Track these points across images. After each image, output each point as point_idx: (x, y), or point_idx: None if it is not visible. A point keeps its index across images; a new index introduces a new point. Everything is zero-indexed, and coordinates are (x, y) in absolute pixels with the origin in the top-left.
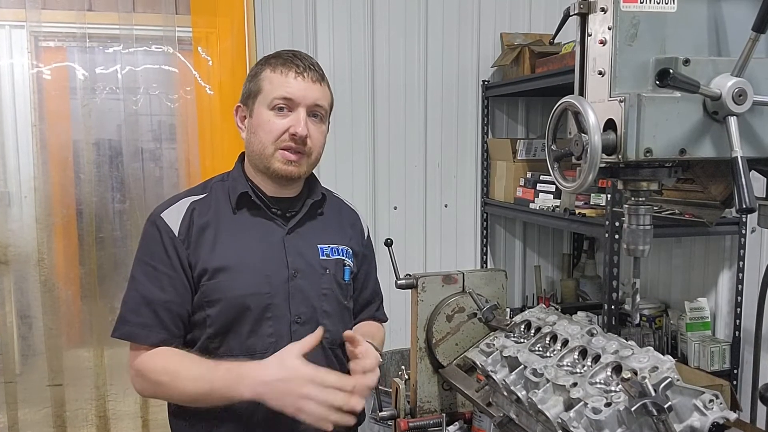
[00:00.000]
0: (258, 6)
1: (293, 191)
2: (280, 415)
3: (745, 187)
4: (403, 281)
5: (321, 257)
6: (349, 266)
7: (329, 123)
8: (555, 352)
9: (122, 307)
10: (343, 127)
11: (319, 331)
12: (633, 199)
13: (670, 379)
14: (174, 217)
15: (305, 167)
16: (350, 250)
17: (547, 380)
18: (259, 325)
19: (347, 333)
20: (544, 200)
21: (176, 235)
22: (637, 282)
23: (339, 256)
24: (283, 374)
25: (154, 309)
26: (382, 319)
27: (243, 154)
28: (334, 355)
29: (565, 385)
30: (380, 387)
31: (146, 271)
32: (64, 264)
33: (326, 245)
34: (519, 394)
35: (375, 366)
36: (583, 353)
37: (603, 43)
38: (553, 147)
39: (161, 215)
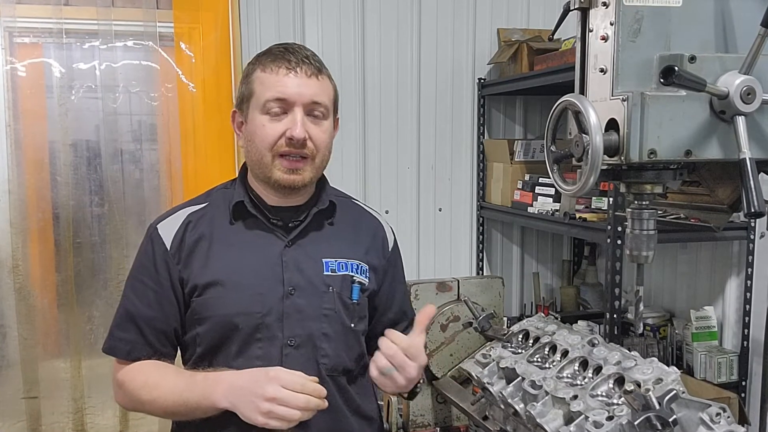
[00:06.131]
0: (243, 0)
1: (300, 199)
2: None
3: (753, 189)
4: None
5: (325, 273)
6: (361, 283)
7: (337, 118)
8: (554, 363)
9: (112, 321)
10: None
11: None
12: (636, 202)
13: (675, 392)
14: (169, 230)
15: (310, 173)
16: (364, 265)
17: (546, 393)
18: (247, 347)
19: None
20: (543, 204)
21: (168, 249)
22: (641, 290)
23: (347, 272)
24: (254, 376)
25: (138, 325)
26: None
27: None
28: (334, 384)
29: (565, 398)
30: None
31: (134, 286)
32: (40, 270)
33: (332, 259)
34: (517, 407)
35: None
36: (584, 364)
37: (605, 39)
38: (553, 148)
39: (157, 227)
